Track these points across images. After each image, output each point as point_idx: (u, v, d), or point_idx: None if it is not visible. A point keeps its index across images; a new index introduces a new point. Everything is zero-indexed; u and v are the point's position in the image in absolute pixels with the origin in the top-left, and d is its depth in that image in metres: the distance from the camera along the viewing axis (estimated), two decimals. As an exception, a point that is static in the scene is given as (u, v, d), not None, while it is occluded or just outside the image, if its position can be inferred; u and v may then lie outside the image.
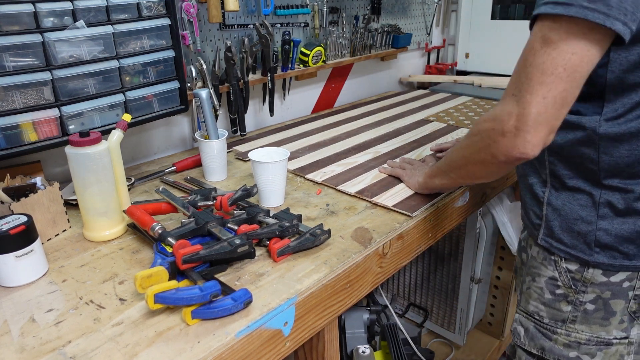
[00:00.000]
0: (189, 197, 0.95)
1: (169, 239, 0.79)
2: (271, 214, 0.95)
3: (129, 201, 0.98)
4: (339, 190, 1.10)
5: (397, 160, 1.23)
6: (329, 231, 0.88)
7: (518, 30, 2.24)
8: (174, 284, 0.69)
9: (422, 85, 2.33)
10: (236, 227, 0.86)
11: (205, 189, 1.00)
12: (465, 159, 0.86)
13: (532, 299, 0.91)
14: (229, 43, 1.36)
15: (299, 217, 0.93)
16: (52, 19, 0.96)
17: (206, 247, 0.75)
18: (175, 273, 0.76)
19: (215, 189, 1.00)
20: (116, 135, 0.93)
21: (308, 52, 1.64)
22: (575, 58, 0.65)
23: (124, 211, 0.92)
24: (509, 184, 1.36)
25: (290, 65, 1.61)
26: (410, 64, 2.34)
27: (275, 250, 0.82)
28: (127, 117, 0.95)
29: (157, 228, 0.82)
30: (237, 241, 0.77)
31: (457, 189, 1.09)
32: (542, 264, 0.88)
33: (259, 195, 1.04)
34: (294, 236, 0.87)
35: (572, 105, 0.69)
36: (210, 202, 0.94)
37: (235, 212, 0.94)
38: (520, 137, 0.70)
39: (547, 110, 0.67)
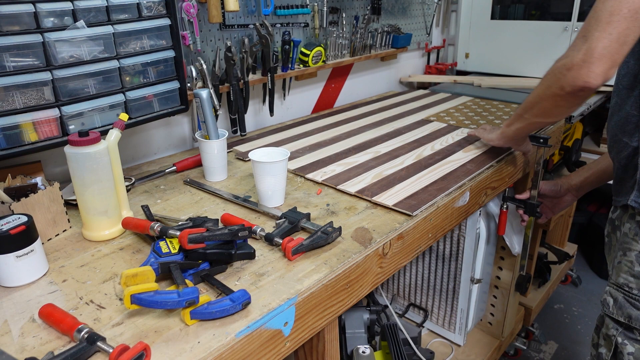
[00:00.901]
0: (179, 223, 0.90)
1: (170, 231, 0.80)
2: (279, 214, 0.95)
3: (127, 201, 0.99)
4: (339, 190, 1.10)
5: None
6: (339, 229, 0.89)
7: (518, 30, 2.24)
8: (154, 286, 0.68)
9: (422, 85, 2.33)
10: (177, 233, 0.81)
11: (199, 219, 0.89)
12: (539, 96, 1.00)
13: (622, 272, 0.97)
14: (229, 43, 1.36)
15: (307, 216, 0.94)
16: (52, 19, 0.96)
17: (209, 231, 0.76)
18: (166, 274, 0.76)
19: (216, 222, 0.89)
20: (114, 134, 0.93)
21: (308, 52, 1.64)
22: (637, 1, 0.78)
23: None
24: (509, 184, 1.36)
25: (290, 66, 1.61)
26: (410, 64, 2.34)
27: (290, 249, 0.81)
28: (124, 117, 0.95)
29: (156, 226, 0.82)
30: (236, 228, 0.78)
31: (464, 189, 1.09)
32: (633, 239, 0.95)
33: (259, 195, 1.04)
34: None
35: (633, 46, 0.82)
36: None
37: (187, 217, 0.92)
38: (585, 67, 0.83)
39: (611, 44, 0.81)
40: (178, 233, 0.79)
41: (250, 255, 0.81)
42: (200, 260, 0.78)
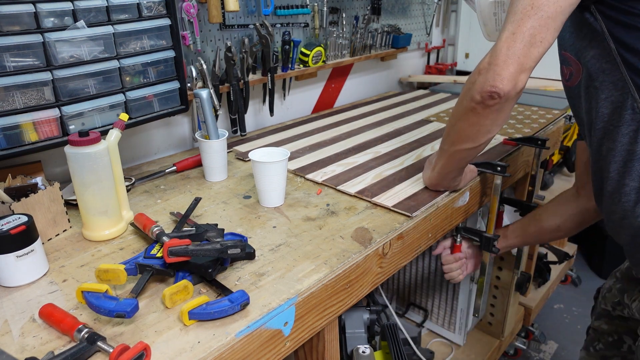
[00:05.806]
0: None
1: (163, 238, 0.80)
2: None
3: (127, 201, 0.99)
4: (339, 190, 1.10)
5: None
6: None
7: (518, 31, 2.24)
8: (104, 287, 0.69)
9: (422, 86, 2.33)
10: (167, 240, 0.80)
11: (203, 226, 0.89)
12: (454, 116, 0.88)
13: None
14: (229, 43, 1.36)
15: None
16: (52, 19, 0.96)
17: (196, 245, 0.75)
18: (142, 273, 0.76)
19: (217, 230, 0.88)
20: (114, 134, 0.93)
21: (308, 52, 1.64)
22: None
23: (131, 224, 0.94)
24: (509, 184, 1.36)
25: (290, 66, 1.61)
26: (410, 64, 2.34)
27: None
28: (124, 117, 0.96)
29: (155, 229, 0.82)
30: (230, 244, 0.75)
31: (458, 191, 1.09)
32: None
33: (259, 195, 1.04)
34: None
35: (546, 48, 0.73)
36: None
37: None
38: (491, 71, 0.75)
39: (515, 45, 0.72)
40: (167, 240, 0.78)
41: (250, 255, 0.81)
42: (179, 271, 0.77)
